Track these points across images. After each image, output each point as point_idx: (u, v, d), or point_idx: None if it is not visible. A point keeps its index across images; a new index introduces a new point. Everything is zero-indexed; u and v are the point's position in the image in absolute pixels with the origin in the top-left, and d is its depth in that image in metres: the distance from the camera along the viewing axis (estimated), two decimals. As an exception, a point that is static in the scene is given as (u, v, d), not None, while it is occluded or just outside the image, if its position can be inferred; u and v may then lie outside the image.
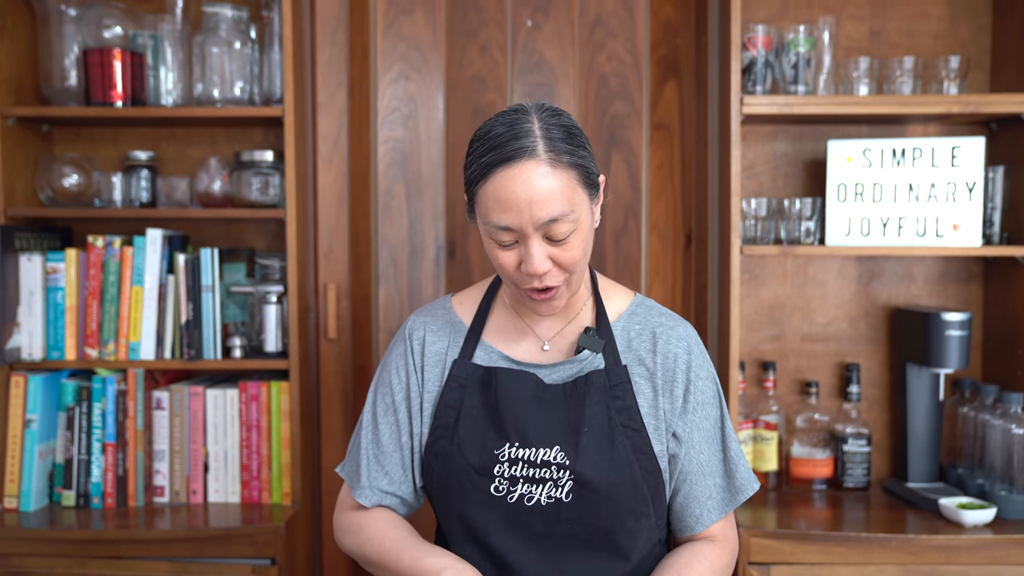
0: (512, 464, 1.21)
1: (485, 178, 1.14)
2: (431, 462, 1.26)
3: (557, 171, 1.13)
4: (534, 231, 1.13)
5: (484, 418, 1.24)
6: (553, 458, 1.20)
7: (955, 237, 2.03)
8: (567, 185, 1.13)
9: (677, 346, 1.27)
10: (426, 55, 2.26)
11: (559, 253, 1.16)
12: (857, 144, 2.05)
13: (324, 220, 2.26)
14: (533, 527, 1.21)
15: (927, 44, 2.19)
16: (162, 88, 2.11)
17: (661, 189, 2.29)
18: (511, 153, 1.12)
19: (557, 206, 1.12)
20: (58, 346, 2.07)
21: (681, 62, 2.27)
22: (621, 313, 1.30)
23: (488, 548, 1.22)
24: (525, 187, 1.11)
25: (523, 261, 1.15)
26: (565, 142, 1.15)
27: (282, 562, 1.94)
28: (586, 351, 1.25)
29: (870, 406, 2.25)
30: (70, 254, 2.06)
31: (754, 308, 2.25)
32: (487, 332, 1.31)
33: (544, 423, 1.22)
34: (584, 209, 1.17)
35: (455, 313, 1.33)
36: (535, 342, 1.29)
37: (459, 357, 1.28)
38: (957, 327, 2.01)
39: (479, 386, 1.25)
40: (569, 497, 1.19)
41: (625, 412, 1.22)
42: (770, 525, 1.92)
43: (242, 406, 2.08)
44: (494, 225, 1.15)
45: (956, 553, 1.87)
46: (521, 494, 1.20)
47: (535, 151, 1.12)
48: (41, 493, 2.06)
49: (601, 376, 1.23)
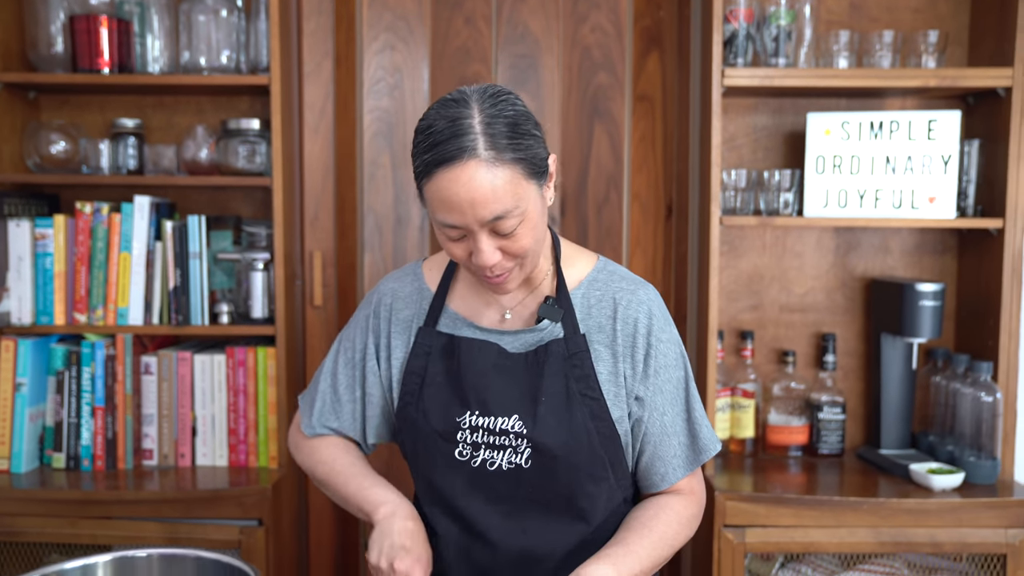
0: (473, 431, 1.24)
1: (428, 176, 1.12)
2: (401, 426, 1.30)
3: (499, 168, 1.10)
4: (480, 228, 1.13)
5: (447, 385, 1.27)
6: (511, 427, 1.23)
7: (931, 209, 2.07)
8: (510, 181, 1.11)
9: (637, 310, 1.28)
10: (412, 25, 2.28)
11: (508, 244, 1.15)
12: (836, 117, 2.08)
13: (310, 188, 2.29)
14: (496, 490, 1.24)
15: (906, 18, 2.22)
16: (148, 55, 2.12)
17: (643, 160, 2.32)
18: (452, 153, 1.09)
19: (500, 204, 1.11)
20: (47, 311, 2.09)
21: (664, 34, 2.29)
22: (582, 280, 1.31)
23: (455, 510, 1.26)
24: (467, 188, 1.09)
25: (473, 254, 1.16)
26: (507, 137, 1.12)
27: (269, 523, 1.98)
28: (546, 320, 1.27)
29: (845, 375, 2.30)
30: (58, 220, 2.08)
31: (733, 278, 2.29)
32: (451, 299, 1.33)
33: (503, 392, 1.24)
34: (531, 199, 1.16)
35: (424, 279, 1.35)
36: (498, 310, 1.31)
37: (424, 324, 1.30)
38: (930, 297, 2.05)
39: (442, 353, 1.28)
40: (528, 463, 1.23)
41: (583, 381, 1.24)
42: (746, 489, 1.97)
43: (229, 371, 2.12)
44: (440, 223, 1.15)
45: (925, 516, 1.92)
46: (483, 459, 1.24)
47: (475, 150, 1.09)
48: (32, 455, 2.10)
49: (560, 345, 1.25)
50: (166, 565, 0.94)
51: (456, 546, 1.27)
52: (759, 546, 1.95)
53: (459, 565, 1.27)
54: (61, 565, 0.91)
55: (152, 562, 0.93)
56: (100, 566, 0.92)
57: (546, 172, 1.19)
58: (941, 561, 2.01)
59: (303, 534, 2.33)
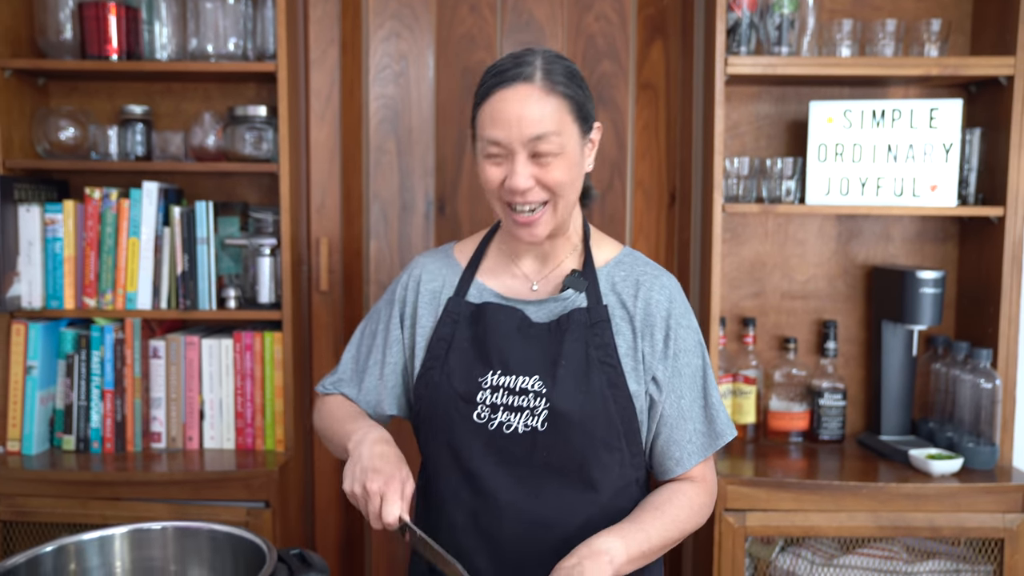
0: (494, 391, 1.28)
1: (485, 98, 1.24)
2: (422, 391, 1.34)
3: (549, 97, 1.22)
4: (521, 147, 1.22)
5: (472, 349, 1.31)
6: (531, 386, 1.27)
7: (932, 197, 2.09)
8: (557, 110, 1.23)
9: (660, 294, 1.33)
10: (417, 13, 2.29)
11: (542, 173, 1.24)
12: (838, 105, 2.10)
13: (316, 175, 2.31)
14: (512, 454, 1.27)
15: (909, 7, 2.23)
16: (157, 42, 2.14)
17: (646, 148, 2.33)
18: (510, 77, 1.22)
19: (543, 125, 1.21)
20: (57, 295, 2.12)
21: (668, 22, 2.30)
22: (608, 261, 1.37)
23: (469, 473, 1.29)
24: (517, 105, 1.21)
25: (507, 177, 1.24)
26: (562, 76, 1.24)
27: (276, 505, 2.01)
28: (570, 290, 1.32)
29: (846, 362, 2.32)
30: (68, 205, 2.10)
31: (735, 265, 2.31)
32: (481, 272, 1.39)
33: (525, 354, 1.29)
34: (572, 139, 1.25)
35: (454, 257, 1.43)
36: (524, 282, 1.37)
37: (454, 295, 1.36)
38: (931, 285, 2.07)
39: (470, 321, 1.33)
40: (544, 426, 1.26)
41: (603, 349, 1.28)
42: (747, 474, 2.00)
43: (236, 356, 2.14)
44: (487, 139, 1.24)
45: (924, 501, 1.95)
46: (501, 422, 1.27)
47: (532, 77, 1.22)
48: (42, 437, 2.12)
49: (582, 314, 1.30)
50: (181, 538, 0.96)
51: (466, 513, 1.30)
52: (759, 530, 1.97)
53: (467, 533, 1.30)
54: (79, 537, 0.93)
55: (167, 535, 0.96)
56: (117, 538, 0.95)
57: (590, 124, 1.29)
58: (939, 545, 2.04)
59: (309, 516, 2.36)
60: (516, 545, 1.28)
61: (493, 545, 1.28)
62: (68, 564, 0.91)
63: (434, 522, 1.33)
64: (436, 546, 1.11)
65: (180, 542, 0.97)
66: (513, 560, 1.28)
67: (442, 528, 1.31)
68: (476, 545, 1.29)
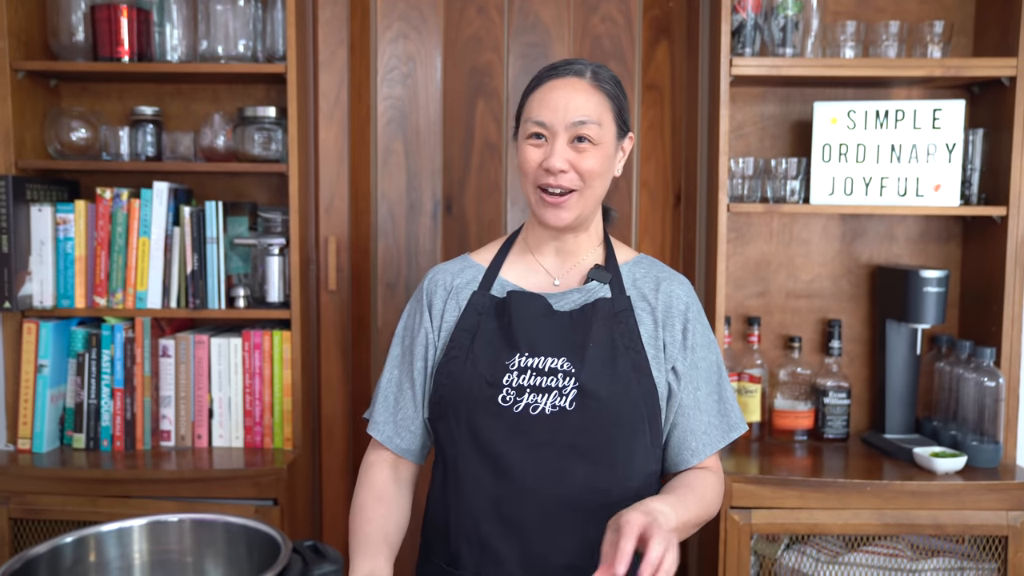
0: (520, 373, 1.30)
1: (537, 86, 1.35)
2: (443, 380, 1.36)
3: (595, 91, 1.33)
4: (563, 130, 1.31)
5: (498, 336, 1.35)
6: (560, 366, 1.30)
7: (935, 197, 2.11)
8: (601, 105, 1.33)
9: (679, 289, 1.40)
10: (425, 15, 2.31)
11: (578, 159, 1.31)
12: (842, 106, 2.12)
13: (325, 175, 2.33)
14: (537, 436, 1.28)
15: (912, 9, 2.24)
16: (167, 44, 2.16)
17: (652, 148, 2.35)
18: (563, 71, 1.34)
19: (586, 112, 1.31)
20: (68, 294, 2.14)
21: (673, 24, 2.32)
22: (627, 260, 1.44)
23: (493, 457, 1.30)
24: (566, 93, 1.32)
25: (546, 158, 1.31)
26: (608, 79, 1.36)
27: (284, 503, 2.03)
28: (594, 282, 1.38)
29: (851, 361, 2.33)
30: (79, 205, 2.12)
31: (740, 265, 2.33)
32: (504, 270, 1.43)
33: (553, 336, 1.33)
34: (609, 135, 1.34)
35: (472, 260, 1.47)
36: (547, 277, 1.42)
37: (478, 289, 1.40)
38: (934, 284, 2.08)
39: (495, 312, 1.37)
40: (573, 406, 1.28)
41: (627, 335, 1.33)
42: (752, 472, 2.01)
43: (245, 354, 2.16)
44: (533, 120, 1.33)
45: (928, 498, 1.96)
46: (527, 404, 1.29)
47: (583, 73, 1.34)
48: (53, 436, 2.14)
49: (607, 303, 1.35)
50: (197, 530, 0.98)
51: (488, 499, 1.30)
52: (765, 527, 1.99)
53: (490, 519, 1.30)
54: (98, 528, 0.95)
55: (184, 526, 0.98)
56: (135, 529, 0.96)
57: (626, 131, 1.38)
58: (943, 543, 2.05)
59: (317, 514, 2.38)
60: (540, 530, 1.29)
61: (516, 530, 1.29)
62: (88, 555, 0.93)
63: (454, 508, 1.34)
64: None
65: (196, 534, 0.98)
66: (537, 545, 1.29)
67: (463, 514, 1.32)
68: (499, 531, 1.30)
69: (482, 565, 1.31)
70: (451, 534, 1.34)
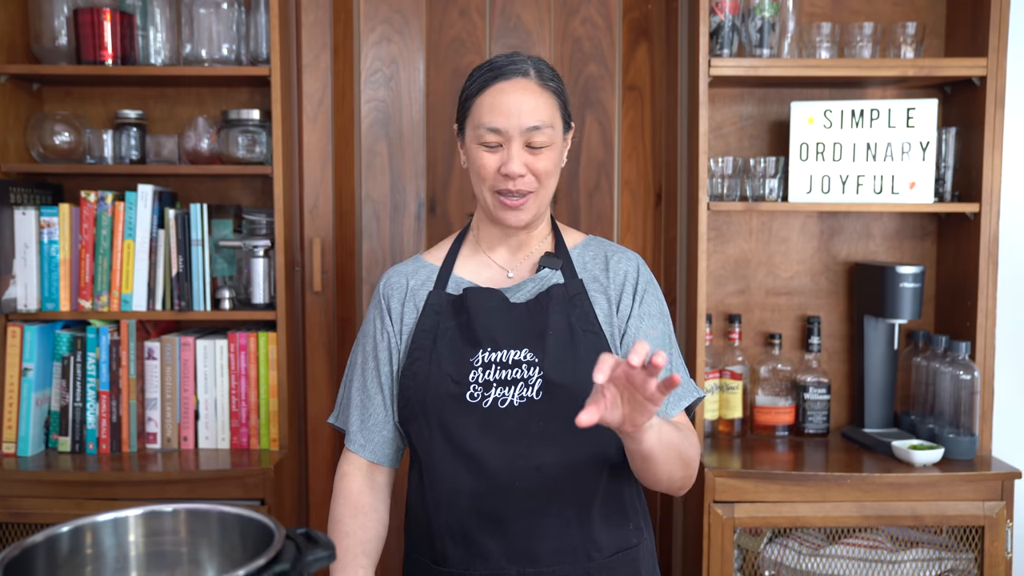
0: (485, 368, 1.32)
1: (483, 90, 1.34)
2: (408, 383, 1.37)
3: (543, 92, 1.35)
4: (518, 135, 1.32)
5: (459, 334, 1.36)
6: (524, 357, 1.32)
7: (910, 195, 2.15)
8: (549, 105, 1.35)
9: (627, 265, 1.42)
10: (407, 18, 2.34)
11: (534, 161, 1.33)
12: (819, 106, 2.16)
13: (309, 177, 2.34)
14: (508, 429, 1.30)
15: (886, 11, 2.29)
16: (151, 48, 2.17)
17: (632, 148, 2.38)
18: (509, 71, 1.34)
19: (539, 116, 1.33)
20: (53, 298, 2.14)
21: (652, 26, 2.36)
22: (576, 244, 1.46)
23: (467, 454, 1.32)
24: (517, 98, 1.32)
25: (503, 164, 1.32)
26: (551, 76, 1.37)
27: (271, 503, 2.03)
28: (546, 269, 1.40)
29: (830, 357, 2.37)
30: (63, 209, 2.13)
31: (721, 263, 2.36)
32: (456, 267, 1.45)
33: (513, 329, 1.34)
34: (558, 133, 1.37)
35: (424, 260, 1.48)
36: (500, 272, 1.44)
37: (433, 289, 1.41)
38: (910, 279, 2.13)
39: (452, 311, 1.38)
40: (540, 395, 1.31)
41: (584, 318, 1.35)
42: (735, 467, 2.04)
43: (231, 356, 2.17)
44: (486, 127, 1.33)
45: (906, 490, 2.00)
46: (495, 398, 1.31)
47: (528, 73, 1.35)
48: (38, 439, 2.14)
49: (560, 289, 1.37)
50: (192, 519, 0.99)
51: (468, 497, 1.32)
52: (748, 521, 2.02)
53: (471, 516, 1.32)
54: (93, 518, 0.96)
55: (179, 516, 0.99)
56: (131, 519, 0.97)
57: (570, 124, 1.40)
58: (922, 534, 2.09)
59: (304, 514, 2.38)
60: (521, 521, 1.31)
61: (499, 524, 1.31)
62: (84, 545, 0.94)
63: (434, 509, 1.35)
64: None
65: (191, 524, 1.00)
66: (520, 536, 1.31)
67: (444, 513, 1.34)
68: (481, 526, 1.31)
69: (469, 561, 1.33)
70: (435, 533, 1.35)
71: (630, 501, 1.40)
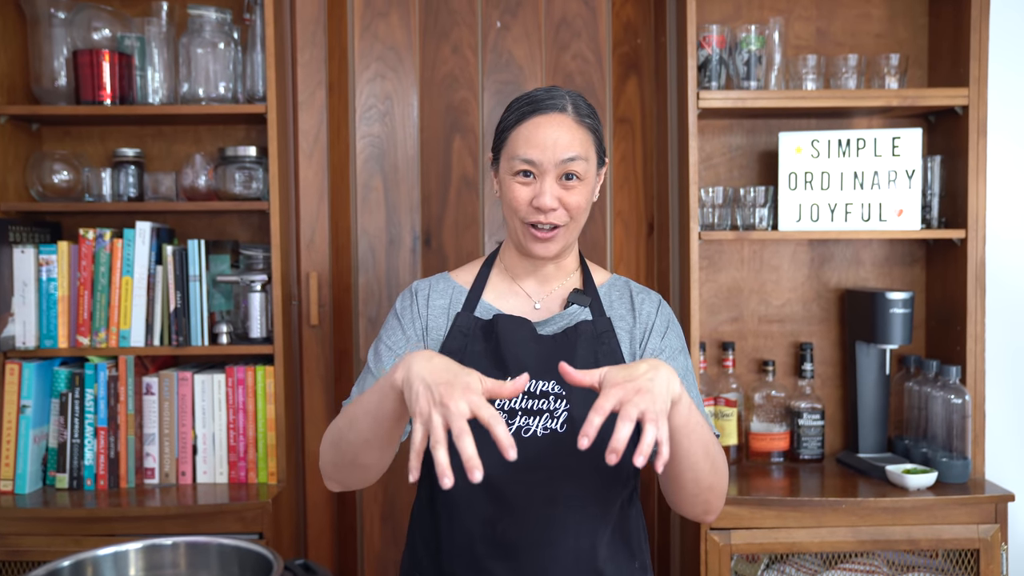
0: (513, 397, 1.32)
1: (520, 122, 1.36)
2: None
3: (579, 127, 1.36)
4: (552, 168, 1.34)
5: (487, 359, 1.37)
6: (551, 389, 1.34)
7: (898, 222, 2.18)
8: (585, 140, 1.36)
9: (650, 305, 1.45)
10: (401, 55, 2.38)
11: (566, 196, 1.35)
12: (806, 136, 2.20)
13: (305, 212, 2.37)
14: (529, 459, 1.30)
15: (870, 43, 2.34)
16: (149, 87, 2.20)
17: (624, 179, 2.42)
18: (546, 106, 1.36)
19: (574, 150, 1.34)
20: (51, 334, 2.15)
21: (641, 60, 2.41)
22: (603, 283, 1.49)
23: (485, 480, 1.30)
24: (553, 130, 1.34)
25: (536, 196, 1.34)
26: (588, 112, 1.39)
27: (269, 536, 2.03)
28: (575, 305, 1.42)
29: (823, 383, 2.39)
30: (62, 246, 2.15)
31: (713, 292, 2.39)
32: (485, 293, 1.46)
33: (542, 359, 1.35)
34: (592, 168, 1.38)
35: (453, 280, 1.49)
36: (527, 301, 1.45)
37: (463, 310, 1.43)
38: (900, 305, 2.15)
39: (481, 335, 1.39)
40: (564, 428, 1.32)
41: (610, 356, 1.38)
42: (731, 494, 2.05)
43: (229, 390, 2.18)
44: (521, 158, 1.34)
45: (901, 514, 2.01)
46: (519, 426, 1.32)
47: (565, 108, 1.36)
48: (35, 476, 2.14)
49: (588, 325, 1.39)
50: (191, 552, 1.01)
51: (482, 522, 1.32)
52: (744, 547, 2.02)
53: (484, 542, 1.32)
54: (95, 552, 0.97)
55: (178, 549, 1.00)
56: (131, 553, 0.99)
57: (603, 163, 1.43)
58: (918, 558, 2.10)
59: (302, 548, 2.38)
60: (534, 550, 1.31)
61: (511, 551, 1.32)
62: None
63: (446, 531, 1.36)
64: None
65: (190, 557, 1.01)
66: (532, 564, 1.31)
67: (456, 537, 1.34)
68: (493, 553, 1.32)
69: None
70: (443, 555, 1.36)
71: (636, 539, 1.41)
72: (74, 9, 2.17)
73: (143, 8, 2.26)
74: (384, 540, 2.41)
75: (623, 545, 1.38)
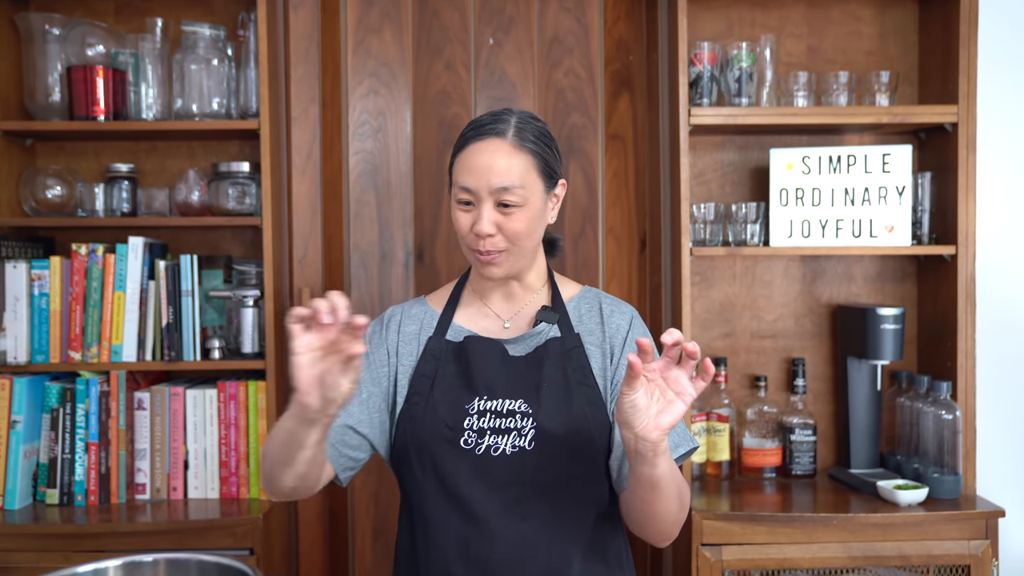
0: (480, 416, 1.34)
1: (463, 148, 1.37)
2: (405, 425, 1.38)
3: (518, 152, 1.35)
4: (488, 195, 1.34)
5: (457, 381, 1.38)
6: (518, 407, 1.34)
7: (889, 238, 2.19)
8: (523, 166, 1.35)
9: (621, 318, 1.44)
10: (394, 71, 2.39)
11: (504, 222, 1.35)
12: (797, 152, 2.21)
13: (298, 227, 2.38)
14: (499, 477, 1.32)
15: (860, 60, 2.36)
16: (143, 103, 2.21)
17: (616, 196, 2.43)
18: (485, 131, 1.36)
19: (509, 178, 1.33)
20: (42, 349, 2.15)
21: (633, 77, 2.42)
22: (572, 297, 1.49)
23: (458, 499, 1.33)
24: (488, 157, 1.34)
25: (475, 223, 1.35)
26: (532, 135, 1.37)
27: (260, 552, 2.03)
28: (543, 324, 1.42)
29: (815, 398, 2.39)
30: (54, 262, 2.15)
31: (706, 307, 2.39)
32: (456, 316, 1.48)
33: (509, 380, 1.37)
34: (535, 193, 1.37)
35: (427, 304, 1.51)
36: (496, 321, 1.46)
37: (434, 334, 1.44)
38: (891, 321, 2.16)
39: (452, 357, 1.41)
40: (532, 445, 1.33)
41: (580, 371, 1.38)
42: (723, 509, 2.05)
43: (220, 405, 2.18)
44: (459, 186, 1.36)
45: (892, 530, 2.01)
46: (488, 445, 1.33)
47: (504, 133, 1.35)
48: (25, 492, 2.14)
49: (557, 343, 1.40)
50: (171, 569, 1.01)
51: (456, 541, 1.33)
52: (736, 563, 2.02)
53: (459, 561, 1.33)
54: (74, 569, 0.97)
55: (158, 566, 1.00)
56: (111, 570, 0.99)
57: (555, 181, 1.41)
58: (909, 574, 2.09)
59: (294, 563, 2.38)
60: (507, 567, 1.32)
61: (485, 570, 1.32)
62: (66, 596, 0.95)
63: (423, 552, 1.37)
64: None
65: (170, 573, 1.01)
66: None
67: (432, 557, 1.35)
68: (467, 572, 1.33)
69: None
70: (421, 573, 1.36)
71: (615, 557, 1.41)
72: (68, 25, 2.18)
73: (137, 24, 2.28)
74: (375, 556, 2.41)
75: (600, 562, 1.38)
